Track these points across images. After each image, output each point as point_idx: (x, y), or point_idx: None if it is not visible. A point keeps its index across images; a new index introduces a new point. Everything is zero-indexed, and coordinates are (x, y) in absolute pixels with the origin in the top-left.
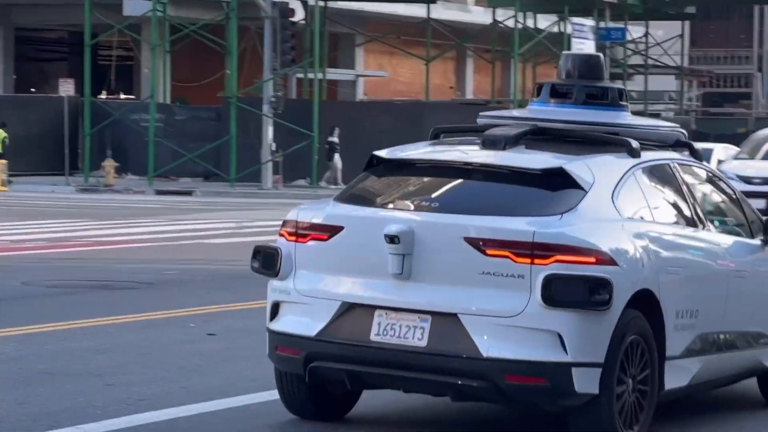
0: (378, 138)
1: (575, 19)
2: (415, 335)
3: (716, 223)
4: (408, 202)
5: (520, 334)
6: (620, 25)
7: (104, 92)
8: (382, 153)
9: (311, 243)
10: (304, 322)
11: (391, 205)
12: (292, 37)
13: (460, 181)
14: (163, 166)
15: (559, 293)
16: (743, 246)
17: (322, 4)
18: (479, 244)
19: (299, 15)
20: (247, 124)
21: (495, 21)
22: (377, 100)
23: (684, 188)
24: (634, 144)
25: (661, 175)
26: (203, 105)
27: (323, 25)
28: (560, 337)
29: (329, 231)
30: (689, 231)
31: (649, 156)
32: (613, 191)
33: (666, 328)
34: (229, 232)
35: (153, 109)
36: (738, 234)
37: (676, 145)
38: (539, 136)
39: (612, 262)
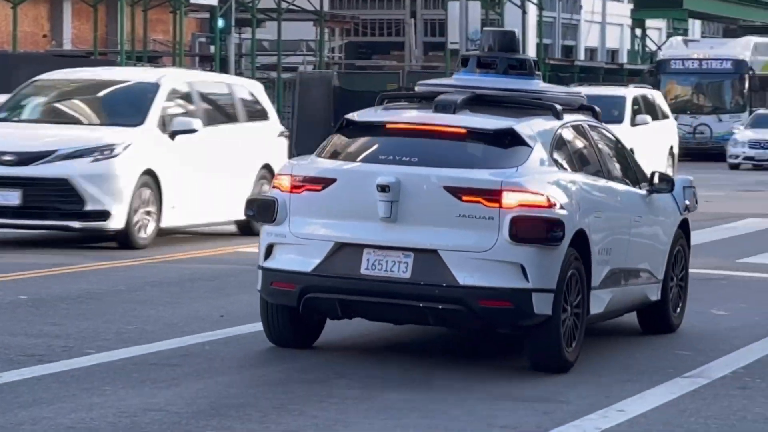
0: None
1: None
2: (400, 269)
3: (616, 174)
4: (391, 157)
5: (490, 266)
6: None
7: None
8: (352, 116)
9: (305, 193)
10: (299, 260)
11: (376, 160)
12: None
13: (426, 139)
14: None
15: (522, 232)
16: (636, 195)
17: None
18: (456, 192)
19: None
20: None
21: None
22: None
23: (594, 145)
24: (558, 108)
25: (578, 134)
26: None
27: None
28: (523, 268)
29: (323, 183)
30: (603, 182)
31: (568, 118)
32: (550, 148)
33: (592, 263)
34: None
35: None
36: (628, 184)
37: (581, 108)
38: (476, 102)
39: (560, 206)
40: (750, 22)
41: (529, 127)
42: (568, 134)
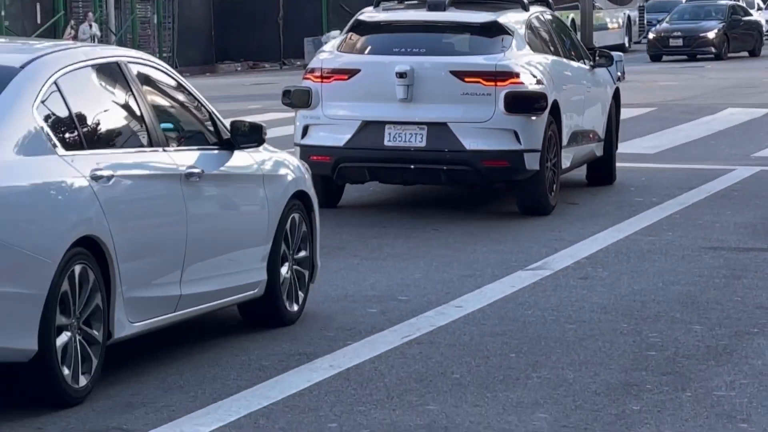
0: None
1: None
2: (417, 139)
3: (568, 53)
4: (403, 49)
5: (490, 133)
6: None
7: None
8: (362, 18)
9: (334, 82)
10: (332, 137)
11: (391, 52)
12: None
13: (428, 33)
14: None
15: (515, 104)
16: (584, 69)
17: None
18: (460, 75)
19: None
20: None
21: None
22: None
23: (552, 30)
24: (525, 2)
25: (541, 22)
26: None
27: None
28: (516, 133)
29: (349, 73)
30: (563, 60)
31: (532, 10)
32: (524, 34)
33: (562, 127)
34: None
35: None
36: (576, 60)
37: (536, 1)
38: (459, 1)
39: (540, 82)
40: None
41: (507, 18)
42: (535, 23)
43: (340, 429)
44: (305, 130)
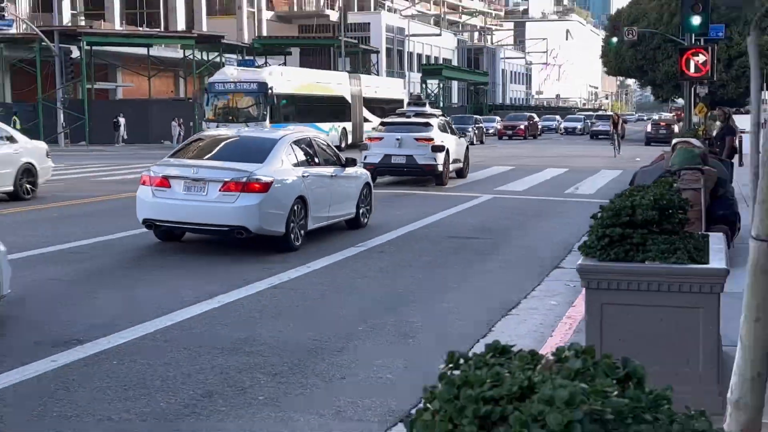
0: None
1: None
2: (402, 160)
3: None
4: (397, 128)
5: (427, 158)
6: None
7: None
8: (383, 120)
9: (375, 141)
10: (373, 160)
11: (393, 131)
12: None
13: (405, 125)
14: None
15: (434, 149)
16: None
17: (87, 48)
18: (419, 139)
19: (76, 53)
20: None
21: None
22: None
23: (446, 123)
24: (437, 114)
25: (443, 118)
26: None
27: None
28: (435, 158)
29: (379, 138)
30: (451, 133)
31: (439, 116)
32: (437, 125)
33: (449, 156)
34: None
35: None
36: None
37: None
38: (414, 113)
39: (442, 141)
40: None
41: (431, 119)
42: (442, 120)
43: None
44: (365, 157)
